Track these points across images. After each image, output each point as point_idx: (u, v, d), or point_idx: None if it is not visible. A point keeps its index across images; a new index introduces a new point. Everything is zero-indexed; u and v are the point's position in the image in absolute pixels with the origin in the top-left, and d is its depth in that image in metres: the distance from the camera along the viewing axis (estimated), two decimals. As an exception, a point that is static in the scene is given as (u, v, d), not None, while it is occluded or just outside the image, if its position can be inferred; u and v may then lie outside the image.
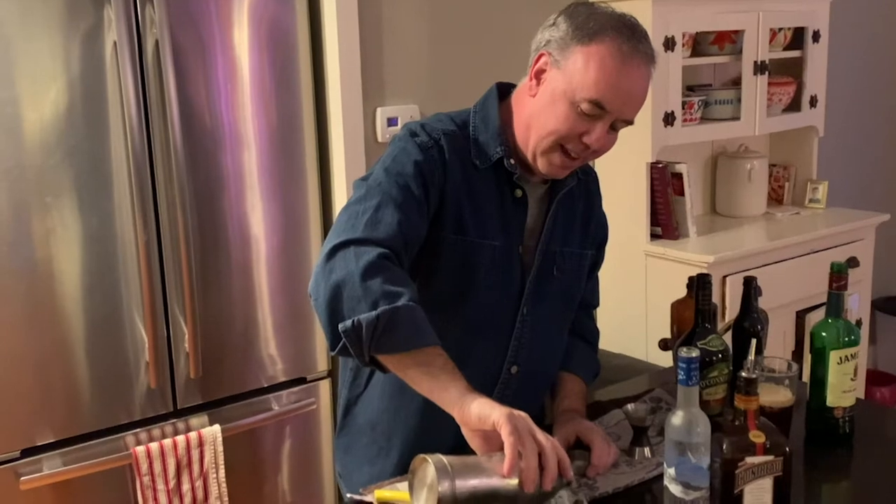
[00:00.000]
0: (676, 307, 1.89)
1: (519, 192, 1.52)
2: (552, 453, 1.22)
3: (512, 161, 1.50)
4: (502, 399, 1.54)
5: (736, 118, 3.09)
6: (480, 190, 1.50)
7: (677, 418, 1.29)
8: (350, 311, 1.27)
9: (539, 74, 1.46)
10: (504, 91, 1.58)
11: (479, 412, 1.23)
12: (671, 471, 1.30)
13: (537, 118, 1.45)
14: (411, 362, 1.29)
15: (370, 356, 1.29)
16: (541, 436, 1.23)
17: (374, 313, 1.25)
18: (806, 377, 1.64)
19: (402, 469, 1.51)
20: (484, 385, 1.54)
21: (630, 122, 1.46)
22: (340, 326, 1.27)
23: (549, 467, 1.21)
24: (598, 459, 1.45)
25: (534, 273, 1.56)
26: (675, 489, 1.30)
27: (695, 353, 1.29)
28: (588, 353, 1.79)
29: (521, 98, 1.51)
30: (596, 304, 1.86)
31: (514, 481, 1.20)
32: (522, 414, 1.24)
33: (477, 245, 1.49)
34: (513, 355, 1.57)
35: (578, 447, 1.49)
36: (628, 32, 1.41)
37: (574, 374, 1.70)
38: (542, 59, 1.45)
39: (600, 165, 3.14)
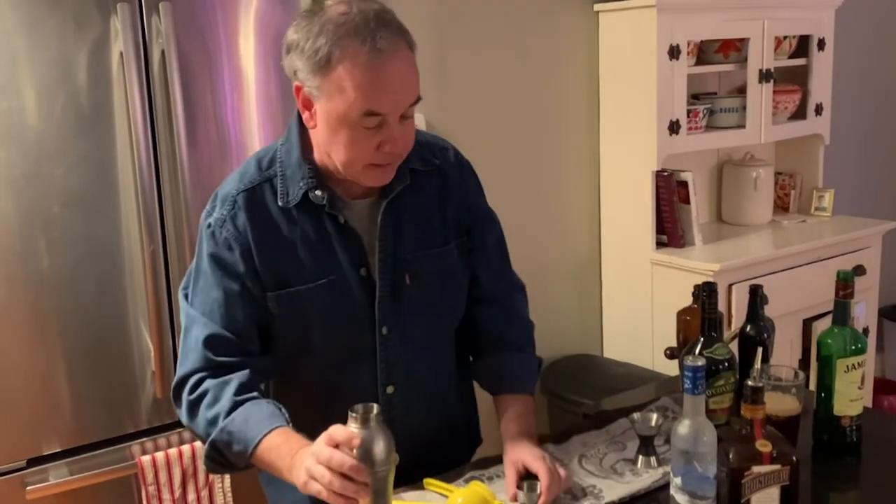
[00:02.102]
0: (682, 315, 1.88)
1: (341, 219, 1.46)
2: (341, 479, 1.21)
3: (318, 192, 1.43)
4: (393, 419, 1.49)
5: (741, 126, 3.09)
6: (294, 233, 1.45)
7: (683, 427, 1.29)
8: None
9: (308, 105, 1.40)
10: None
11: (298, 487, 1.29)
12: (677, 480, 1.30)
13: (330, 148, 1.40)
14: (257, 464, 1.41)
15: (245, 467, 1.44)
16: (331, 463, 1.22)
17: (205, 458, 1.45)
18: (813, 386, 1.63)
19: None
20: None
21: (417, 101, 1.38)
22: (205, 463, 1.47)
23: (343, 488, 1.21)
24: (547, 490, 1.38)
25: (381, 290, 1.49)
26: (681, 499, 1.30)
27: (701, 362, 1.28)
28: (516, 362, 1.65)
29: (309, 128, 1.44)
30: (513, 286, 1.71)
31: None
32: (306, 461, 1.26)
33: (303, 292, 1.46)
34: (384, 377, 1.52)
35: (530, 476, 1.45)
36: (361, 34, 1.31)
37: (509, 394, 1.60)
38: (302, 92, 1.39)
39: (606, 174, 3.15)
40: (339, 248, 1.46)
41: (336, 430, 1.24)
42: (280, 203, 1.45)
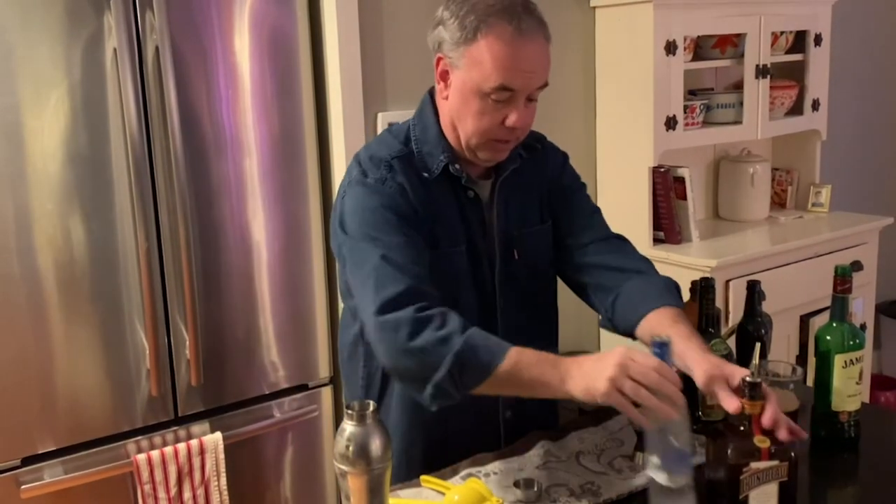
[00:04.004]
0: (679, 312, 1.88)
1: (471, 193, 1.57)
2: (659, 392, 1.26)
3: (457, 166, 1.54)
4: None
5: (738, 122, 3.08)
6: (439, 199, 1.55)
7: None
8: (423, 377, 1.36)
9: (444, 77, 1.52)
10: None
11: (583, 394, 1.32)
12: (654, 458, 1.29)
13: (459, 118, 1.51)
14: (500, 383, 1.36)
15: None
16: (644, 379, 1.25)
17: (443, 371, 1.33)
18: (810, 381, 1.63)
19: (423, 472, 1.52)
20: None
21: (544, 86, 1.49)
22: (428, 392, 1.36)
23: (656, 405, 1.25)
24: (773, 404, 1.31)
25: (498, 262, 1.60)
26: (660, 478, 1.28)
27: (666, 338, 1.32)
28: (647, 282, 1.59)
29: (439, 101, 1.56)
30: (615, 234, 1.70)
31: None
32: (622, 365, 1.27)
33: (450, 254, 1.55)
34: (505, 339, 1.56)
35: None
36: (508, 14, 1.43)
37: (654, 309, 1.52)
38: (442, 63, 1.51)
39: (602, 170, 3.15)
40: (470, 220, 1.57)
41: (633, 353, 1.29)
42: (424, 174, 1.54)
